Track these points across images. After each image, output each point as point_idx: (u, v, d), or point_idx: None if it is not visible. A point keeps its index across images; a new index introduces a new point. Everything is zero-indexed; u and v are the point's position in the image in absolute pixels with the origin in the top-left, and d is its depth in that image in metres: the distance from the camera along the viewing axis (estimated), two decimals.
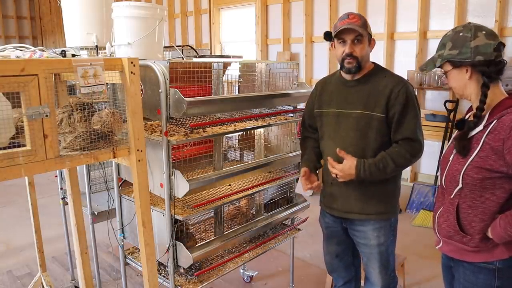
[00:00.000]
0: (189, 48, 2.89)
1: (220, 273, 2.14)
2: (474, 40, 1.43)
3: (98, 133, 1.45)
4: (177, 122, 1.98)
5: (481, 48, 1.43)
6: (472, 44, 1.43)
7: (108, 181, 2.48)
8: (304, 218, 2.68)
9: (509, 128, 1.38)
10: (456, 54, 1.46)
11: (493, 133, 1.42)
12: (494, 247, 1.47)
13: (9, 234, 4.01)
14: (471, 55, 1.43)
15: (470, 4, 4.59)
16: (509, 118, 1.39)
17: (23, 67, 1.22)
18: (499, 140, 1.40)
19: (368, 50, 1.90)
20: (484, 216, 1.47)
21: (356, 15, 1.86)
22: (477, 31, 1.44)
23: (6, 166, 1.23)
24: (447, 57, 1.49)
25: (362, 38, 1.85)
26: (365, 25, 1.85)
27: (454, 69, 1.49)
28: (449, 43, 1.48)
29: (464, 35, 1.45)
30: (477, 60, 1.43)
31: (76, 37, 2.34)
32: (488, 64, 1.43)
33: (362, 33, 1.84)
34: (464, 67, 1.47)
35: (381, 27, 5.26)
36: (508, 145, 1.38)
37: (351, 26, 1.81)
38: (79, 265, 2.06)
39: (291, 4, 6.37)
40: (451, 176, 1.54)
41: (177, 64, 1.96)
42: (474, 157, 1.45)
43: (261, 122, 2.33)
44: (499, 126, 1.41)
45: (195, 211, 1.96)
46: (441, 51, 1.52)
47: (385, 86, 1.87)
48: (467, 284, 1.54)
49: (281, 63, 2.63)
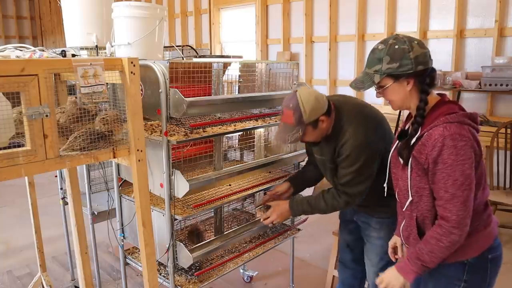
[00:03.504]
0: (189, 48, 2.89)
1: (220, 273, 2.14)
2: (412, 51, 1.41)
3: (98, 133, 1.45)
4: (177, 122, 1.98)
5: (420, 57, 1.42)
6: (412, 55, 1.41)
7: (108, 181, 2.48)
8: (304, 218, 2.68)
9: (432, 144, 1.37)
10: (396, 67, 1.43)
11: (419, 145, 1.42)
12: (463, 247, 1.46)
13: (9, 234, 4.01)
14: (412, 66, 1.42)
15: (470, 4, 4.59)
16: (438, 131, 1.38)
17: (23, 67, 1.22)
18: (423, 154, 1.41)
19: (322, 130, 1.85)
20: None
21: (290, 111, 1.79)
22: (411, 42, 1.43)
23: (6, 166, 1.23)
24: (386, 71, 1.45)
25: (304, 136, 1.84)
26: (300, 122, 1.78)
27: (394, 83, 1.46)
28: (386, 57, 1.44)
29: (401, 47, 1.42)
30: (418, 70, 1.42)
31: (76, 37, 2.34)
32: (428, 72, 1.45)
33: (303, 132, 1.81)
34: (404, 79, 1.45)
35: (381, 27, 5.27)
36: (430, 162, 1.39)
37: (282, 140, 1.85)
38: (79, 265, 2.06)
39: (291, 4, 6.37)
40: (403, 191, 1.56)
41: (177, 64, 1.96)
42: (412, 168, 1.47)
43: (261, 122, 2.33)
44: (424, 139, 1.41)
45: (195, 211, 1.96)
46: (376, 66, 1.47)
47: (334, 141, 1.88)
48: (437, 275, 1.56)
49: (281, 63, 2.63)
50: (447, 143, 1.35)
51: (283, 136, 1.83)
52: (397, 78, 1.45)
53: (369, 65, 1.50)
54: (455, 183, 1.36)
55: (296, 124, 1.79)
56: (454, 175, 1.36)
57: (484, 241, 1.49)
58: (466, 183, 1.36)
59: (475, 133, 1.41)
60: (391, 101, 1.54)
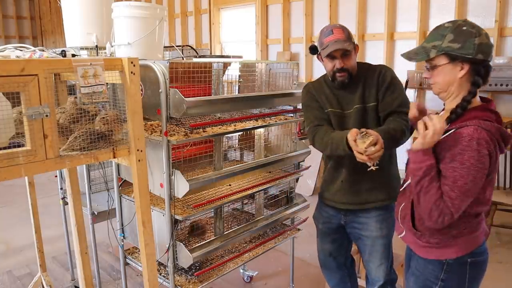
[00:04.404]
0: (189, 48, 2.89)
1: (220, 273, 2.14)
2: (478, 37, 1.34)
3: (98, 133, 1.45)
4: (177, 122, 1.98)
5: (484, 46, 1.35)
6: (477, 41, 1.34)
7: (108, 181, 2.48)
8: (304, 218, 2.68)
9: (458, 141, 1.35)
10: (457, 48, 1.36)
11: (443, 139, 1.39)
12: (445, 247, 1.48)
13: (9, 234, 4.01)
14: (473, 51, 1.34)
15: (470, 4, 4.59)
16: (468, 131, 1.34)
17: (23, 67, 1.22)
18: (443, 148, 1.38)
19: (355, 58, 1.94)
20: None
21: (340, 29, 1.88)
22: (480, 30, 1.37)
23: (6, 166, 1.23)
24: (445, 49, 1.38)
25: (349, 51, 1.88)
26: (350, 37, 1.89)
27: (449, 63, 1.39)
28: (449, 35, 1.37)
29: (469, 30, 1.36)
30: (477, 58, 1.36)
31: (76, 37, 2.34)
32: (485, 65, 1.39)
33: (349, 47, 1.86)
34: (459, 63, 1.38)
35: (381, 27, 5.26)
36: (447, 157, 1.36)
37: (339, 46, 1.84)
38: (79, 265, 2.06)
39: (291, 4, 6.37)
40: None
41: (177, 64, 1.96)
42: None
43: (261, 122, 2.33)
44: (451, 136, 1.39)
45: (195, 211, 1.96)
46: (437, 42, 1.40)
47: (372, 78, 1.95)
48: (417, 272, 1.58)
49: (281, 63, 2.63)
50: (472, 146, 1.32)
51: (341, 45, 1.83)
52: (453, 60, 1.38)
53: (428, 40, 1.44)
54: (463, 187, 1.34)
55: (347, 39, 1.87)
56: (465, 179, 1.33)
57: (466, 245, 1.48)
58: (472, 191, 1.35)
59: (498, 151, 1.37)
60: (435, 83, 1.46)
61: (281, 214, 2.50)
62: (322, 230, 2.21)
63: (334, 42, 1.84)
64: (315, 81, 2.13)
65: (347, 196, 2.03)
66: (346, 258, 2.26)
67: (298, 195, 2.66)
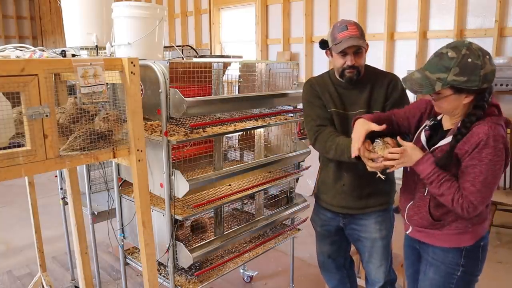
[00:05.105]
0: (189, 48, 2.89)
1: (220, 273, 2.14)
2: (484, 69, 1.38)
3: (98, 133, 1.45)
4: (177, 122, 1.98)
5: (489, 76, 1.40)
6: (482, 72, 1.38)
7: (108, 181, 2.48)
8: (304, 218, 2.68)
9: (476, 140, 1.42)
10: (463, 82, 1.39)
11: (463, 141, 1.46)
12: (462, 234, 1.57)
13: (9, 234, 4.01)
14: (479, 83, 1.39)
15: (470, 4, 4.59)
16: (483, 129, 1.42)
17: (23, 67, 1.22)
18: (463, 150, 1.46)
19: (365, 57, 1.93)
20: None
21: (354, 26, 1.85)
22: (484, 58, 1.39)
23: (6, 166, 1.23)
24: (451, 83, 1.41)
25: (362, 49, 1.87)
26: (363, 35, 1.87)
27: (454, 94, 1.44)
28: (455, 68, 1.39)
29: (474, 62, 1.38)
30: (483, 88, 1.41)
31: (76, 37, 2.34)
32: (489, 90, 1.46)
33: (363, 45, 1.85)
34: (465, 93, 1.43)
35: (381, 27, 5.26)
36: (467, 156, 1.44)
37: (354, 42, 1.81)
38: (79, 265, 2.06)
39: (291, 4, 6.37)
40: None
41: (177, 64, 1.96)
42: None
43: (261, 122, 2.33)
44: (469, 136, 1.45)
45: (195, 211, 1.96)
46: (442, 75, 1.41)
47: (381, 84, 1.93)
48: (436, 262, 1.64)
49: (281, 63, 2.63)
50: (490, 143, 1.40)
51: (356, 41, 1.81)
52: (459, 92, 1.43)
53: (432, 70, 1.44)
54: (484, 181, 1.42)
55: (361, 36, 1.85)
56: (486, 174, 1.42)
57: (480, 232, 1.60)
58: (493, 182, 1.44)
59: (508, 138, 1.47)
60: (439, 108, 1.53)
61: (281, 214, 2.50)
62: (320, 233, 2.20)
63: (349, 38, 1.80)
64: (318, 77, 2.08)
65: (347, 201, 2.01)
66: (345, 259, 2.26)
67: (298, 195, 2.66)
